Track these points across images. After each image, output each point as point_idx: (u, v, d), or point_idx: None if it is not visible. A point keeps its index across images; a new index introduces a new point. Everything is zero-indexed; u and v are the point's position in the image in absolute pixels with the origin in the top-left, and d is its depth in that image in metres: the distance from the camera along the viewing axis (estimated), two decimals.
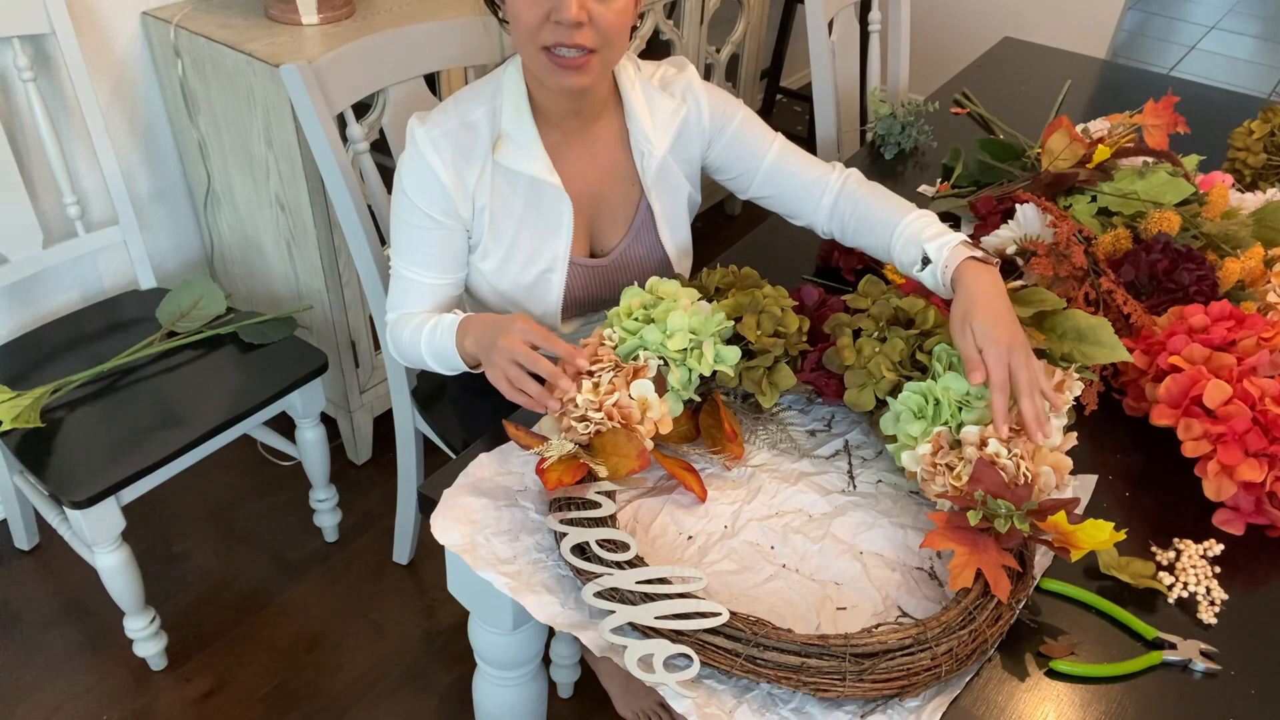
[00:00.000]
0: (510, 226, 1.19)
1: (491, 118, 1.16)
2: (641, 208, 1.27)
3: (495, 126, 1.16)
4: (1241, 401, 1.07)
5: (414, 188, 1.15)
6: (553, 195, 1.18)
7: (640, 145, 1.22)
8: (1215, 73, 4.20)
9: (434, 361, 1.14)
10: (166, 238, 2.00)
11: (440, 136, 1.14)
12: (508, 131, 1.15)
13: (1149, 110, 1.58)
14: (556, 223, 1.20)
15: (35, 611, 1.77)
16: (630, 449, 1.00)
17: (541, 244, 1.21)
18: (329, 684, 1.69)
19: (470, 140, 1.15)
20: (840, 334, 1.11)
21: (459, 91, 1.19)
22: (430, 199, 1.15)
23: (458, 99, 1.18)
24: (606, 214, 1.25)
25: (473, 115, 1.16)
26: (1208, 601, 0.98)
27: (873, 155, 1.79)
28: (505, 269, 1.22)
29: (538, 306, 1.25)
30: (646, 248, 1.29)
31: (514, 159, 1.15)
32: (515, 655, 1.13)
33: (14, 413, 1.44)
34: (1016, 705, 0.88)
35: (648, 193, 1.25)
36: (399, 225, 1.18)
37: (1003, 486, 0.94)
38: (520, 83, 1.15)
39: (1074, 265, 1.25)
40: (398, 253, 1.19)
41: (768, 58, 3.26)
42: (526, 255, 1.21)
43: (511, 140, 1.15)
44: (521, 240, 1.20)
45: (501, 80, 1.17)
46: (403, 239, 1.18)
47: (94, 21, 1.71)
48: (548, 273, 1.23)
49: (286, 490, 2.03)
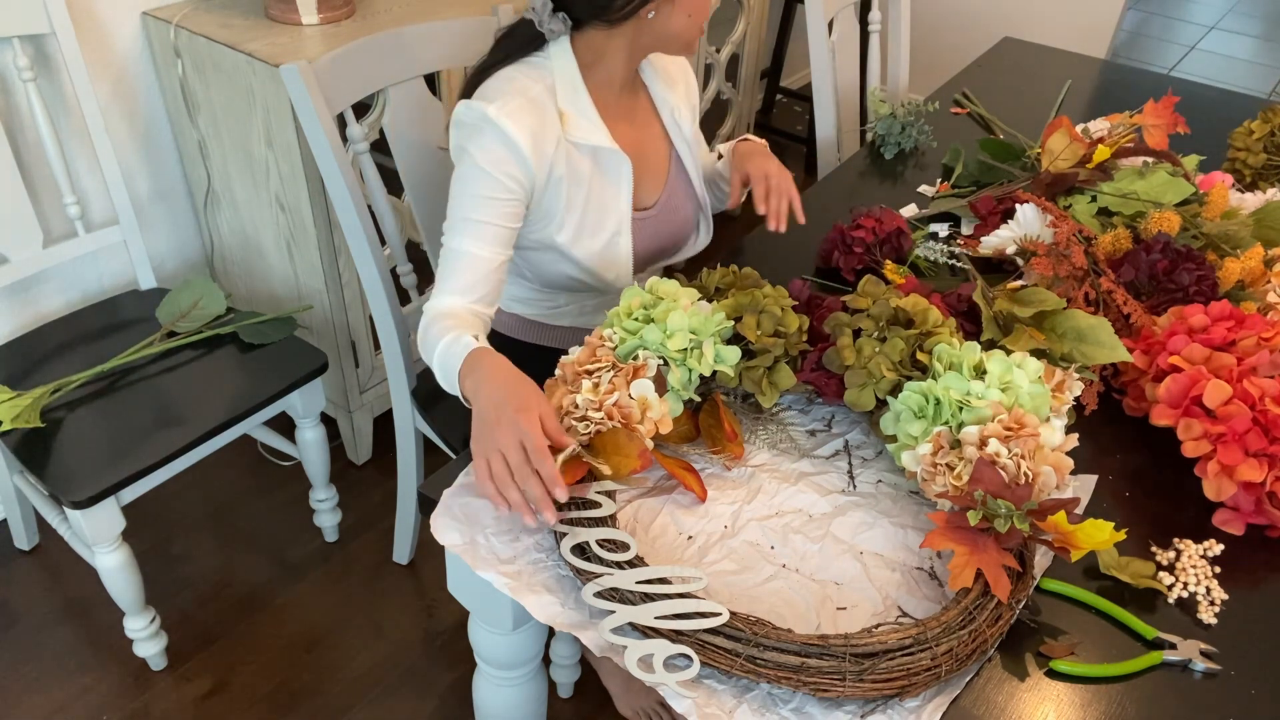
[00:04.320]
0: (581, 196, 1.29)
1: (549, 96, 1.24)
2: (673, 159, 1.42)
3: (554, 104, 1.25)
4: (1241, 401, 1.07)
5: (491, 160, 1.19)
6: (615, 159, 1.30)
7: (664, 102, 1.38)
8: (1215, 73, 4.20)
9: (439, 373, 1.14)
10: (166, 238, 2.00)
11: (516, 111, 1.20)
12: (567, 109, 1.25)
13: (1149, 110, 1.58)
14: (617, 185, 1.31)
15: (35, 611, 1.77)
16: (631, 448, 1.00)
17: (607, 207, 1.32)
18: (329, 684, 1.69)
19: (540, 116, 1.22)
20: (840, 334, 1.11)
21: (499, 77, 1.24)
22: (508, 169, 1.20)
23: (507, 81, 1.23)
24: (648, 170, 1.38)
25: (533, 93, 1.23)
26: (1208, 601, 0.98)
27: (872, 155, 1.79)
28: (580, 237, 1.32)
29: (611, 270, 1.36)
30: (682, 194, 1.43)
31: (581, 133, 1.26)
32: (515, 655, 1.13)
33: (14, 413, 1.44)
34: (1016, 705, 0.88)
35: (676, 145, 1.41)
36: (462, 197, 1.21)
37: (1003, 486, 0.94)
38: (572, 63, 1.25)
39: (1074, 265, 1.25)
40: (453, 227, 1.21)
41: (768, 58, 3.26)
42: (596, 220, 1.32)
43: (574, 117, 1.26)
44: (591, 207, 1.31)
45: (547, 63, 1.25)
46: (462, 211, 1.20)
47: (94, 21, 1.71)
48: (616, 235, 1.34)
49: (286, 490, 2.03)
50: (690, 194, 1.44)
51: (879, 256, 1.40)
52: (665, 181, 1.41)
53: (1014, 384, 1.02)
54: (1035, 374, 1.03)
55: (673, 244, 1.46)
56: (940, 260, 1.46)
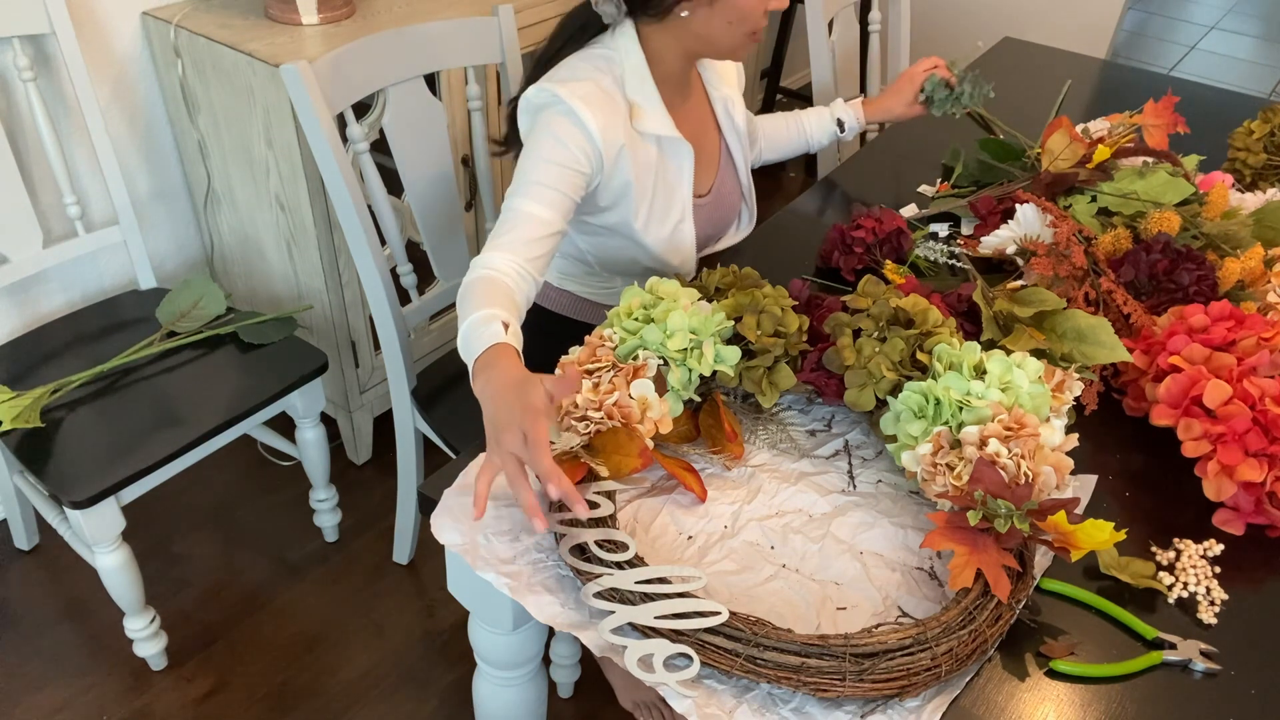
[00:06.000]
0: (649, 183, 1.33)
1: (617, 87, 1.28)
2: (723, 147, 1.47)
3: (623, 95, 1.29)
4: (1241, 401, 1.07)
5: (563, 131, 1.22)
6: (679, 147, 1.34)
7: (718, 94, 1.44)
8: (1215, 73, 4.20)
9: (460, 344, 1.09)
10: (166, 238, 2.00)
11: (587, 95, 1.23)
12: (635, 100, 1.29)
13: (1149, 110, 1.58)
14: (680, 172, 1.36)
15: (35, 611, 1.77)
16: (631, 448, 1.00)
17: (673, 194, 1.37)
18: (329, 684, 1.69)
19: (610, 104, 1.26)
20: (840, 334, 1.11)
21: (566, 65, 1.28)
22: (578, 143, 1.23)
23: (575, 69, 1.27)
24: (702, 158, 1.42)
25: (604, 84, 1.26)
26: (1208, 601, 0.98)
27: (873, 154, 1.79)
28: (649, 225, 1.36)
29: (676, 255, 1.40)
30: (731, 181, 1.49)
31: (649, 124, 1.30)
32: (515, 655, 1.13)
33: (14, 413, 1.44)
34: (1016, 705, 0.88)
35: (726, 135, 1.47)
36: (529, 162, 1.23)
37: (1003, 486, 0.94)
38: (639, 53, 1.29)
39: (1074, 265, 1.25)
40: (516, 191, 1.22)
41: (768, 57, 3.27)
42: (664, 207, 1.36)
43: (641, 107, 1.30)
44: (659, 194, 1.35)
45: (613, 54, 1.29)
46: (527, 175, 1.22)
47: (94, 21, 1.71)
48: (681, 223, 1.39)
49: (286, 490, 2.03)
50: (737, 183, 1.50)
51: (879, 256, 1.40)
52: (717, 169, 1.47)
53: (1014, 384, 1.02)
54: (1035, 374, 1.03)
55: (720, 231, 1.52)
56: (940, 260, 1.46)
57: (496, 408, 0.95)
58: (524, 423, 0.91)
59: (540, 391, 0.94)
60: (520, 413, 0.92)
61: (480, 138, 1.61)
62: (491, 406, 0.96)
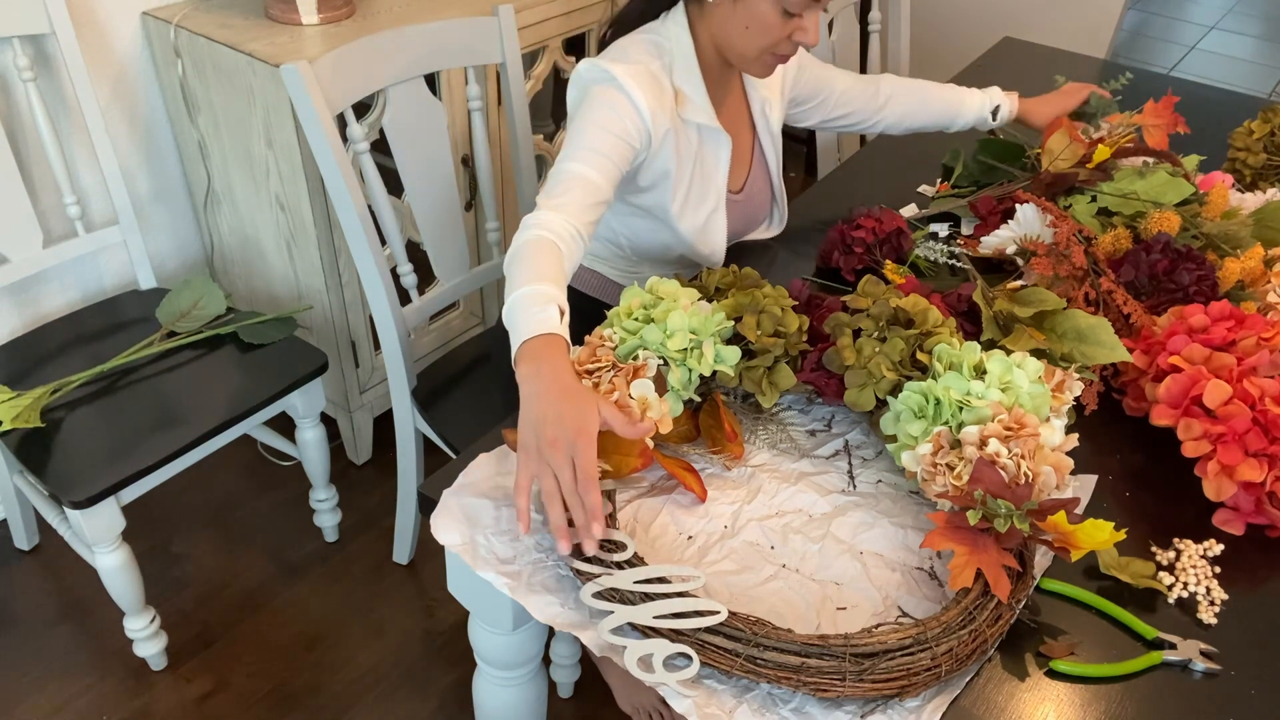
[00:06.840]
0: (688, 170, 1.35)
1: (665, 74, 1.30)
2: (756, 147, 1.48)
3: (670, 82, 1.30)
4: (1241, 401, 1.07)
5: (615, 102, 1.24)
6: (718, 138, 1.36)
7: (755, 94, 1.44)
8: (1215, 73, 4.20)
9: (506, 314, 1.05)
10: (166, 238, 2.00)
11: (640, 75, 1.25)
12: (681, 87, 1.31)
13: (1149, 110, 1.58)
14: (716, 163, 1.38)
15: (35, 611, 1.77)
16: (632, 447, 1.00)
17: (709, 184, 1.38)
18: (329, 684, 1.69)
19: (658, 88, 1.28)
20: (840, 334, 1.11)
21: (617, 46, 1.30)
22: (629, 115, 1.24)
23: (626, 51, 1.28)
24: (736, 155, 1.44)
25: (653, 68, 1.28)
26: (1208, 601, 0.98)
27: (873, 151, 1.79)
28: (685, 211, 1.38)
29: (707, 245, 1.42)
30: (762, 180, 1.50)
31: (693, 113, 1.32)
32: (515, 655, 1.13)
33: (14, 413, 1.44)
34: (1016, 705, 0.88)
35: (760, 135, 1.47)
36: (585, 125, 1.23)
37: (1003, 486, 0.94)
38: (688, 42, 1.30)
39: (1074, 265, 1.25)
40: (568, 155, 1.21)
41: None
42: (700, 195, 1.38)
43: (687, 95, 1.31)
44: (696, 182, 1.37)
45: (664, 41, 1.31)
46: (579, 140, 1.22)
47: (94, 21, 1.71)
48: (714, 213, 1.40)
49: (286, 490, 2.03)
50: (768, 183, 1.51)
51: (879, 256, 1.40)
52: (749, 168, 1.48)
53: (1014, 384, 1.02)
54: (1035, 374, 1.03)
55: (748, 229, 1.53)
56: (940, 260, 1.46)
57: (543, 412, 0.92)
58: (575, 446, 0.89)
59: (595, 415, 0.92)
60: (573, 433, 0.90)
61: (480, 138, 1.61)
62: (538, 406, 0.93)
